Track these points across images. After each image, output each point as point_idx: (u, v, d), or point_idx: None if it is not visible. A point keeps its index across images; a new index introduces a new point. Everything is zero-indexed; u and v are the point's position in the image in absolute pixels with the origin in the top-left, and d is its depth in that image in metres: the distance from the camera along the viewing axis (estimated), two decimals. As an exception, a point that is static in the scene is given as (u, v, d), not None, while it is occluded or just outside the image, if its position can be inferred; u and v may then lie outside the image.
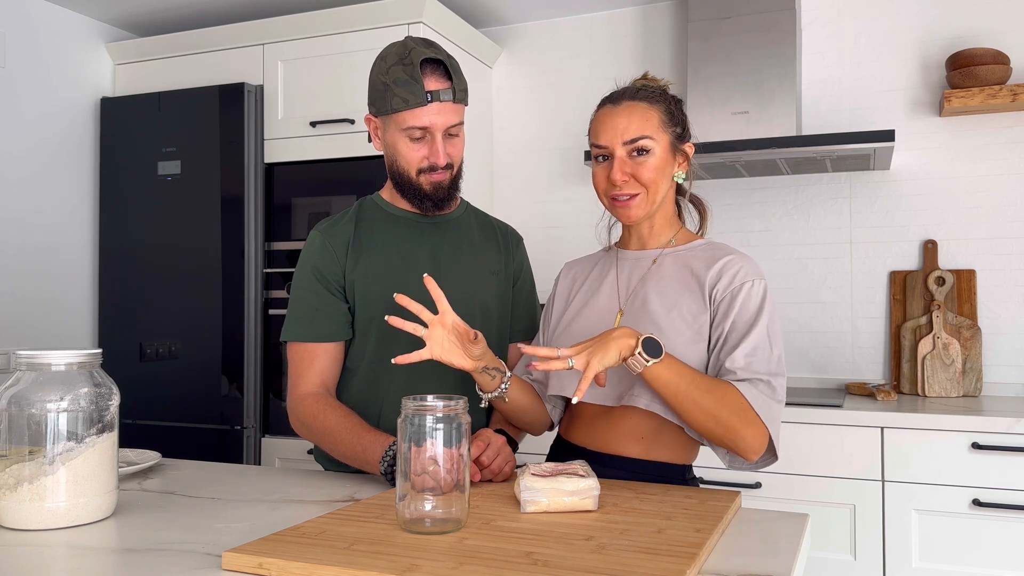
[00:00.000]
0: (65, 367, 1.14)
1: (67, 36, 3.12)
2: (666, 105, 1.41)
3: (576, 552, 0.95)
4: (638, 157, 1.38)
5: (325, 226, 1.56)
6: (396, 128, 1.46)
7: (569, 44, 3.23)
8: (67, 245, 3.11)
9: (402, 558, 0.92)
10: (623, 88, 1.45)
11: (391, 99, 1.44)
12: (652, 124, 1.38)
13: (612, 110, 1.41)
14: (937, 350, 2.62)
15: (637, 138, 1.37)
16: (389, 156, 1.51)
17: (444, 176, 1.50)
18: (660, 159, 1.38)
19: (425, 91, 1.42)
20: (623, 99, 1.41)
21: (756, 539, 1.08)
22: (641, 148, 1.37)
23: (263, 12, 3.15)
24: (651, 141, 1.37)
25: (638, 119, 1.38)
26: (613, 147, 1.38)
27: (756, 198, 2.94)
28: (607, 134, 1.39)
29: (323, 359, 1.50)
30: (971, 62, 2.53)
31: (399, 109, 1.43)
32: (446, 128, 1.46)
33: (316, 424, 1.46)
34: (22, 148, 2.96)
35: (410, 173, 1.49)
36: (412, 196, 1.52)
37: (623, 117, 1.38)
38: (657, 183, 1.39)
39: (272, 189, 2.98)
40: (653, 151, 1.38)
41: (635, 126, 1.37)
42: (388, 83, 1.44)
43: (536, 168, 3.26)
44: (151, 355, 3.02)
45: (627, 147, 1.38)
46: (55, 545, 1.05)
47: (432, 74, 1.44)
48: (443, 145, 1.46)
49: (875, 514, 2.24)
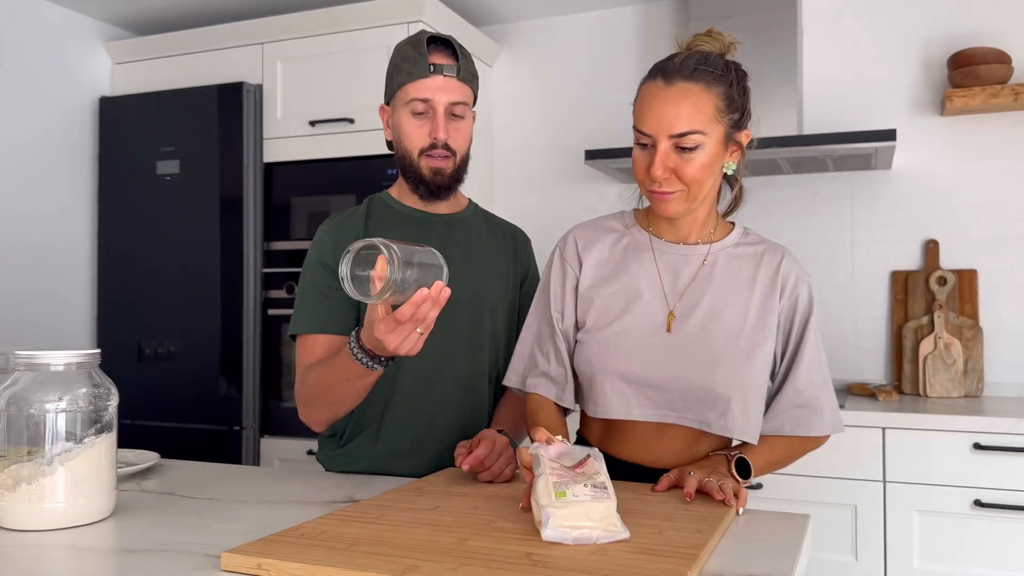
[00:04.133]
0: (64, 367, 1.13)
1: (66, 35, 3.12)
2: (726, 87, 1.23)
3: (576, 553, 0.94)
4: (684, 153, 1.21)
5: (335, 222, 1.55)
6: (401, 104, 1.49)
7: (569, 43, 3.22)
8: (65, 244, 3.11)
9: (401, 559, 0.91)
10: (681, 59, 1.24)
11: (397, 76, 1.47)
12: (706, 115, 1.21)
13: (663, 91, 1.22)
14: (938, 350, 2.61)
15: (686, 132, 1.20)
16: (396, 140, 1.53)
17: (446, 163, 1.50)
18: (710, 155, 1.23)
19: (428, 63, 1.45)
20: (677, 78, 1.21)
21: (757, 540, 1.07)
22: (689, 145, 1.21)
23: (262, 11, 3.14)
24: (702, 136, 1.21)
25: (689, 108, 1.20)
26: (658, 137, 1.22)
27: (757, 198, 2.94)
28: (652, 121, 1.22)
29: (328, 348, 1.49)
30: (973, 61, 2.53)
31: (403, 83, 1.47)
32: (449, 104, 1.47)
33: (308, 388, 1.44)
34: (20, 147, 2.95)
35: (412, 154, 1.49)
36: (413, 182, 1.52)
37: (672, 104, 1.20)
38: (702, 182, 1.24)
39: (271, 189, 2.97)
40: (702, 146, 1.21)
41: (685, 118, 1.20)
42: (397, 63, 1.48)
43: (536, 168, 3.25)
44: (150, 355, 3.02)
45: (673, 140, 1.21)
46: (53, 546, 1.04)
47: (438, 51, 1.47)
48: (444, 122, 1.47)
49: (876, 515, 2.24)
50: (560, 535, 0.98)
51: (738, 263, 1.33)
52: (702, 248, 1.34)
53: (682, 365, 1.27)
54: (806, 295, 1.34)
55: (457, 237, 1.57)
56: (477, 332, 1.54)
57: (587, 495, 1.01)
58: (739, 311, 1.30)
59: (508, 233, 1.67)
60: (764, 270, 1.32)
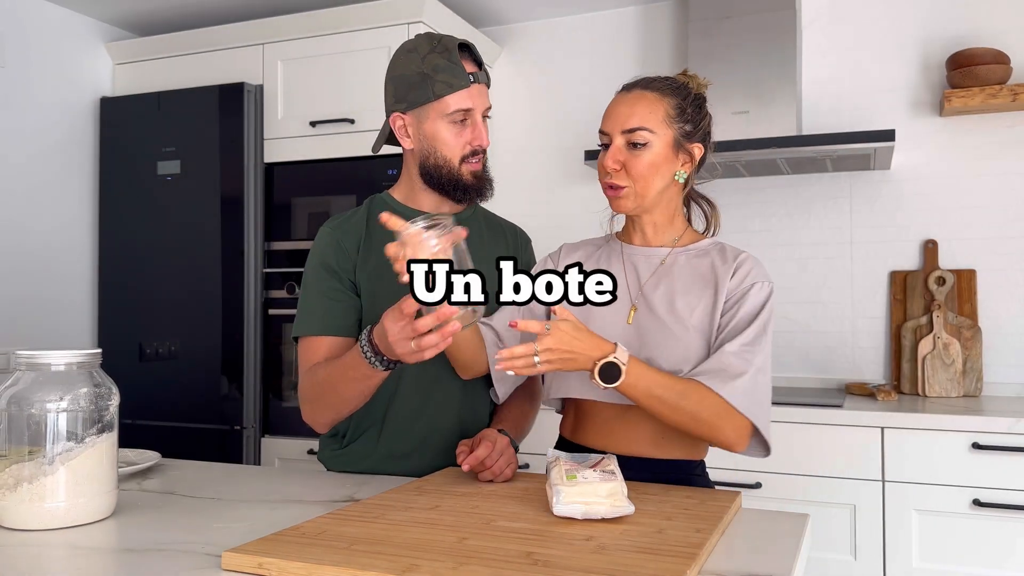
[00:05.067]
0: (65, 367, 1.14)
1: (67, 36, 3.12)
2: (679, 100, 1.37)
3: (576, 552, 0.94)
4: (634, 149, 1.35)
5: (337, 222, 1.55)
6: (438, 115, 1.46)
7: (569, 44, 3.23)
8: (67, 245, 3.11)
9: (402, 558, 0.92)
10: (642, 75, 1.43)
11: (432, 86, 1.44)
12: (656, 117, 1.35)
13: (622, 97, 1.39)
14: (937, 350, 2.61)
15: (635, 128, 1.34)
16: (426, 149, 1.49)
17: (479, 165, 1.51)
18: (657, 154, 1.35)
19: (467, 73, 1.44)
20: (636, 87, 1.39)
21: (756, 539, 1.08)
22: (638, 141, 1.34)
23: (263, 12, 3.15)
24: (649, 134, 1.34)
25: (642, 109, 1.35)
26: (612, 134, 1.37)
27: (756, 198, 2.94)
28: (609, 120, 1.38)
29: (331, 349, 1.49)
30: (971, 62, 2.53)
31: (443, 94, 1.44)
32: (484, 110, 1.49)
33: (314, 388, 1.44)
34: (22, 148, 2.96)
35: (452, 162, 1.48)
36: (452, 189, 1.50)
37: (627, 105, 1.36)
38: (648, 179, 1.36)
39: (272, 189, 2.97)
40: (651, 145, 1.35)
41: (637, 116, 1.35)
42: (426, 72, 1.44)
43: (536, 168, 3.26)
44: (151, 355, 3.02)
45: (625, 136, 1.36)
46: (55, 545, 1.04)
47: (466, 58, 1.47)
48: (484, 129, 1.49)
49: (875, 514, 2.24)
50: (570, 510, 1.07)
51: (697, 261, 1.42)
52: (663, 251, 1.44)
53: (635, 350, 1.35)
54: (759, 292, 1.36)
55: None
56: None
57: (596, 477, 1.10)
58: (691, 301, 1.37)
59: (509, 233, 1.67)
60: (718, 262, 1.40)
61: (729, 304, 1.36)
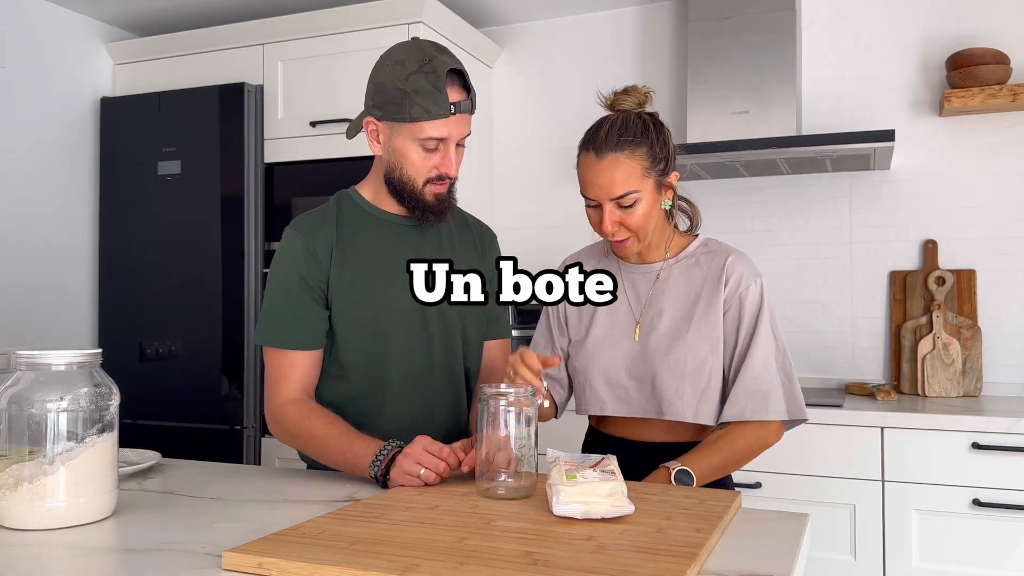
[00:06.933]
0: (65, 367, 1.14)
1: (67, 36, 3.12)
2: (648, 145, 1.43)
3: (576, 552, 0.95)
4: (626, 209, 1.43)
5: (306, 227, 1.51)
6: (410, 136, 1.43)
7: (569, 44, 3.23)
8: (67, 245, 3.11)
9: (402, 558, 0.92)
10: (605, 131, 1.43)
11: (410, 107, 1.40)
12: (636, 176, 1.41)
13: (596, 164, 1.42)
14: (937, 350, 2.62)
15: (623, 195, 1.41)
16: (392, 162, 1.47)
17: (444, 188, 1.49)
18: (647, 204, 1.44)
19: (449, 103, 1.40)
20: (605, 151, 1.42)
21: (756, 539, 1.08)
22: (627, 203, 1.42)
23: (263, 12, 3.15)
24: (637, 194, 1.42)
25: (622, 175, 1.41)
26: (601, 201, 1.44)
27: (756, 198, 2.94)
28: (594, 190, 1.44)
29: (303, 365, 1.48)
30: (971, 62, 2.53)
31: (419, 119, 1.40)
32: (460, 139, 1.46)
33: (302, 431, 1.44)
34: (22, 148, 2.96)
35: (416, 182, 1.46)
36: (412, 206, 1.49)
37: (606, 176, 1.41)
38: (646, 227, 1.45)
39: (272, 189, 2.98)
40: (640, 200, 1.43)
41: (619, 183, 1.41)
42: (407, 91, 1.39)
43: (536, 168, 3.26)
44: (151, 355, 3.02)
45: (614, 201, 1.43)
46: (55, 545, 1.04)
47: (453, 85, 1.42)
48: (455, 157, 1.46)
49: (875, 514, 2.24)
50: (570, 510, 1.07)
51: (689, 271, 1.52)
52: (657, 265, 1.54)
53: (643, 366, 1.49)
54: (755, 291, 1.47)
55: (429, 238, 1.56)
56: (451, 334, 1.55)
57: (595, 477, 1.12)
58: (685, 312, 1.48)
59: (476, 229, 1.67)
60: (709, 271, 1.50)
61: (729, 309, 1.47)
